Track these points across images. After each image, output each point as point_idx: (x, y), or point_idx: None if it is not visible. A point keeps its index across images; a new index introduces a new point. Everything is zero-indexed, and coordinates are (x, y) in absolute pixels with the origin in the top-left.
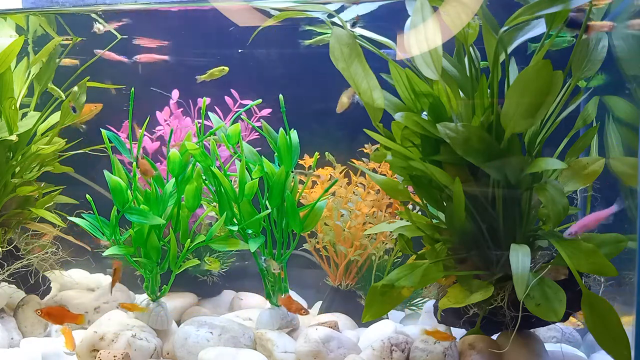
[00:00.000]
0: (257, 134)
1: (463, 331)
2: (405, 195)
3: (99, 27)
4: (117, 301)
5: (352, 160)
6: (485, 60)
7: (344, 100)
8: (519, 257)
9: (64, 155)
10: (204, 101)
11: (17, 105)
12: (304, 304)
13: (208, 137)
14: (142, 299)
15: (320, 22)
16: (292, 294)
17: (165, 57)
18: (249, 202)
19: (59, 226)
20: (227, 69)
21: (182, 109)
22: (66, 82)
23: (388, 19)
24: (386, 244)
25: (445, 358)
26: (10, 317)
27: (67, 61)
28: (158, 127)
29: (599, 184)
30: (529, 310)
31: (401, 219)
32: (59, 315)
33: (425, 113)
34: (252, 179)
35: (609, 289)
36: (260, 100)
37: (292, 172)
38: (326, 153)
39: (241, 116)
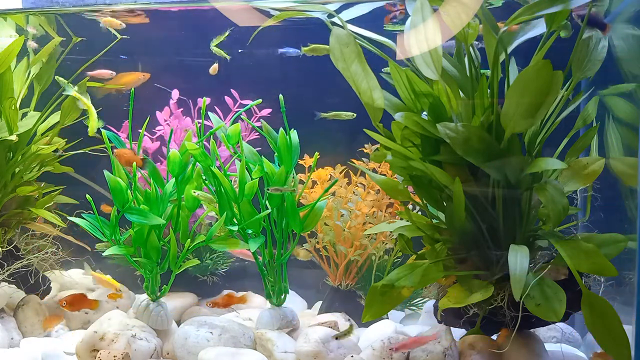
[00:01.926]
0: (257, 134)
1: (463, 331)
2: (405, 195)
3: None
4: (118, 301)
5: (352, 160)
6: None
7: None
8: (517, 258)
9: (64, 155)
10: (204, 101)
11: (17, 105)
12: (304, 304)
13: (208, 137)
14: (142, 299)
15: None
16: (292, 294)
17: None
18: (249, 202)
19: (59, 226)
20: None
21: (182, 109)
22: (66, 82)
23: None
24: (386, 244)
25: (445, 358)
26: (10, 317)
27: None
28: (158, 127)
29: (599, 184)
30: (528, 310)
31: (401, 219)
32: (79, 302)
33: (425, 113)
34: (252, 179)
35: (609, 289)
36: (260, 100)
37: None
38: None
39: (241, 116)
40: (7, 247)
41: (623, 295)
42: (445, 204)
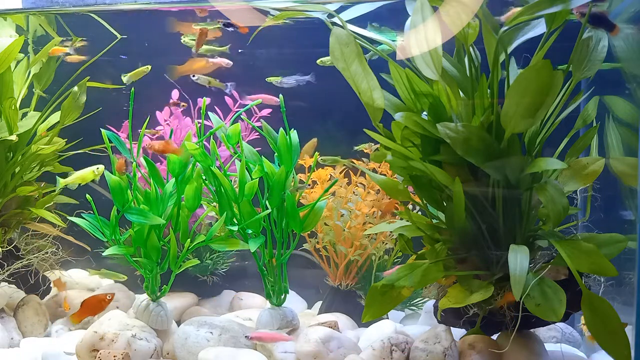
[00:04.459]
0: (257, 134)
1: (463, 331)
2: (405, 195)
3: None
4: (118, 301)
5: (352, 160)
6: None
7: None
8: (517, 258)
9: (64, 155)
10: (204, 101)
11: (17, 105)
12: (304, 304)
13: (208, 137)
14: (142, 298)
15: None
16: (292, 294)
17: None
18: (249, 202)
19: (59, 226)
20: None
21: (182, 109)
22: (66, 82)
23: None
24: (386, 244)
25: (445, 358)
26: (10, 317)
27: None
28: (158, 127)
29: (599, 184)
30: (528, 310)
31: (401, 219)
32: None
33: (425, 113)
34: (252, 179)
35: (609, 289)
36: (260, 100)
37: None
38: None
39: (241, 116)
40: (7, 247)
41: (623, 295)
42: (445, 204)
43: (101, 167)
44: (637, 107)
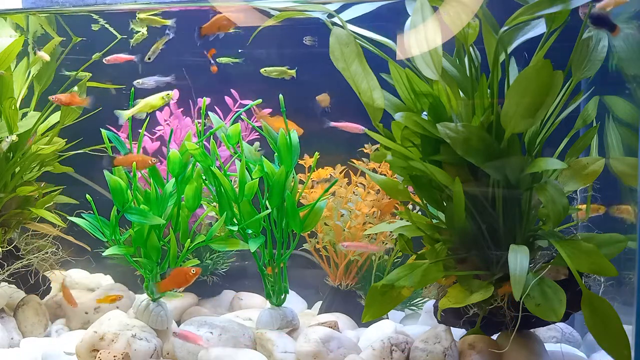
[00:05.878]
0: (257, 134)
1: (463, 331)
2: (405, 195)
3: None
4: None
5: (352, 160)
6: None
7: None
8: (517, 258)
9: (64, 155)
10: (204, 101)
11: (17, 105)
12: (304, 304)
13: (208, 137)
14: (142, 298)
15: None
16: (292, 294)
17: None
18: (249, 202)
19: (59, 226)
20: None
21: (182, 109)
22: (66, 81)
23: (388, 19)
24: (386, 244)
25: (445, 358)
26: (10, 317)
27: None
28: (158, 127)
29: (599, 184)
30: (529, 310)
31: (401, 219)
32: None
33: (425, 113)
34: (252, 179)
35: (609, 289)
36: (260, 100)
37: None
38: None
39: (241, 116)
40: (7, 247)
41: (623, 295)
42: (445, 204)
43: (171, 92)
44: (637, 107)
